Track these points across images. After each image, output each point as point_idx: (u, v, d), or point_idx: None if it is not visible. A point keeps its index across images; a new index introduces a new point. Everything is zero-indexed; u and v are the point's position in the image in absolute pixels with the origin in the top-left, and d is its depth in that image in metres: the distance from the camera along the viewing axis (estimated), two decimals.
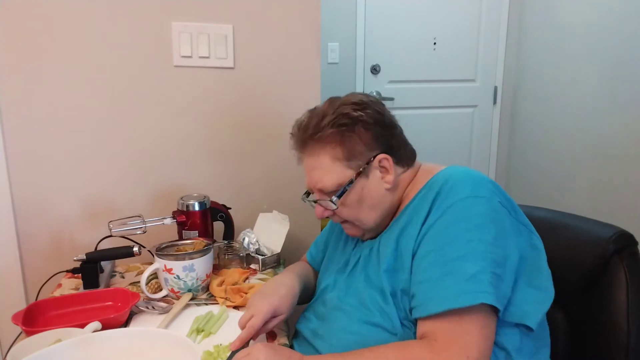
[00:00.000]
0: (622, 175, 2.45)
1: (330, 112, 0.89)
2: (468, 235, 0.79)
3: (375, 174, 0.90)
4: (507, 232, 0.81)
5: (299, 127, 0.94)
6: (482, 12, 3.20)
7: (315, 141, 0.90)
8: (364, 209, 0.91)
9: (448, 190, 0.83)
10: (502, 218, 0.82)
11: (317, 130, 0.89)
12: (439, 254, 0.80)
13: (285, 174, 1.53)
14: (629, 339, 0.87)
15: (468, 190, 0.82)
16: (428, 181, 0.90)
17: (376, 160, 0.90)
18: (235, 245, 1.35)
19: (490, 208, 0.81)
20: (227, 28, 1.40)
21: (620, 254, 0.89)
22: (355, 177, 0.89)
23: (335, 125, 0.88)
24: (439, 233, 0.82)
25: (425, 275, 0.81)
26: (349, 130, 0.88)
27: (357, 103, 0.90)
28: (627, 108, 2.40)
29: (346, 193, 0.89)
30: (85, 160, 1.40)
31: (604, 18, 2.50)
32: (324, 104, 0.93)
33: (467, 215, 0.80)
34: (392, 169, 0.91)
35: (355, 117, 0.88)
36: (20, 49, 1.31)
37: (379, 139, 0.90)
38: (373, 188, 0.91)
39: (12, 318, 0.96)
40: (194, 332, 1.00)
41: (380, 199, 0.91)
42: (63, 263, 1.26)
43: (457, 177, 0.85)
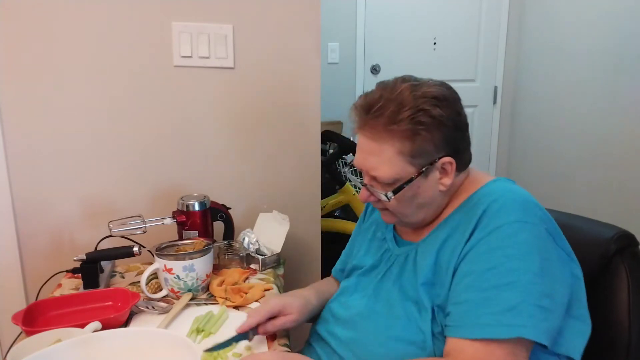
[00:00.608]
0: (622, 175, 2.45)
1: (410, 104, 0.82)
2: (512, 264, 0.75)
3: (435, 174, 0.86)
4: (553, 261, 0.78)
5: (368, 107, 0.86)
6: (482, 12, 3.20)
7: (385, 130, 0.83)
8: (413, 206, 0.88)
9: (497, 211, 0.80)
10: (548, 247, 0.78)
11: (392, 121, 0.82)
12: (480, 278, 0.77)
13: (286, 173, 1.53)
14: (631, 338, 0.87)
15: (517, 214, 0.78)
16: (475, 192, 0.87)
17: (440, 162, 0.85)
18: (235, 245, 1.35)
19: (538, 236, 0.78)
20: (227, 28, 1.40)
21: (622, 254, 0.89)
22: (416, 175, 0.85)
23: (414, 122, 0.82)
24: (482, 255, 0.78)
25: (463, 296, 0.78)
26: (426, 130, 0.82)
27: (438, 98, 0.84)
28: (627, 108, 2.40)
29: (403, 190, 0.86)
30: (85, 160, 1.40)
31: (604, 18, 2.50)
32: (402, 86, 0.85)
33: (514, 242, 0.77)
34: (452, 174, 0.87)
35: (435, 117, 0.82)
36: (20, 49, 1.31)
37: (449, 141, 0.85)
38: (428, 188, 0.87)
39: (12, 318, 0.96)
40: (194, 332, 1.00)
41: (432, 199, 0.88)
42: (63, 263, 1.26)
43: (506, 198, 0.81)
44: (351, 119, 0.91)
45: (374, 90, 0.88)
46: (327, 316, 1.01)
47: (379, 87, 0.88)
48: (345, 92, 3.16)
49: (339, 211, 2.42)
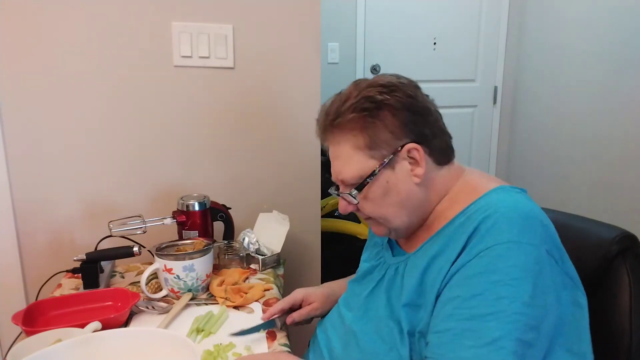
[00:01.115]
0: (622, 175, 2.45)
1: (354, 95, 0.79)
2: (501, 291, 0.67)
3: (404, 165, 0.80)
4: (548, 287, 0.69)
5: (321, 112, 0.85)
6: (482, 12, 3.20)
7: (335, 127, 0.81)
8: (389, 205, 0.82)
9: (489, 228, 0.71)
10: (545, 270, 0.69)
11: (337, 115, 0.80)
12: (464, 305, 0.70)
13: (286, 173, 1.53)
14: (632, 341, 0.85)
15: (513, 234, 0.70)
16: (470, 204, 0.78)
17: (404, 150, 0.79)
18: (235, 245, 1.35)
19: (535, 259, 0.69)
20: (227, 28, 1.40)
21: (624, 256, 0.87)
22: (378, 168, 0.79)
23: (357, 110, 0.78)
24: (468, 279, 0.71)
25: (444, 325, 0.71)
26: (372, 115, 0.78)
27: (384, 85, 0.79)
28: (627, 108, 2.40)
29: (367, 186, 0.80)
30: (85, 160, 1.40)
31: (604, 18, 2.50)
32: (349, 85, 0.84)
33: (505, 266, 0.68)
34: (422, 161, 0.79)
35: (380, 101, 0.78)
36: (21, 49, 1.31)
37: (408, 125, 0.79)
38: (400, 182, 0.80)
39: (12, 318, 0.96)
40: (194, 332, 1.00)
41: (409, 194, 0.81)
42: (63, 263, 1.26)
43: (503, 213, 0.72)
44: (316, 135, 0.89)
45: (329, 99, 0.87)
46: (326, 325, 0.99)
47: (334, 95, 0.86)
48: None
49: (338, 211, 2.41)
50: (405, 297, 0.79)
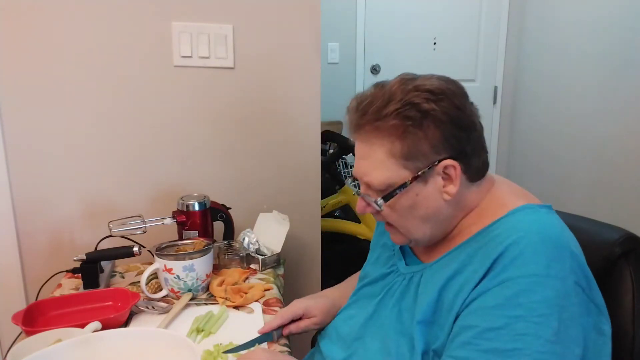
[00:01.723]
0: (622, 175, 2.45)
1: (398, 98, 0.73)
2: (523, 327, 0.64)
3: (437, 180, 0.75)
4: (574, 318, 0.66)
5: (357, 106, 0.78)
6: (482, 12, 3.20)
7: (372, 128, 0.75)
8: (414, 218, 0.78)
9: (516, 257, 0.67)
10: (572, 304, 0.66)
11: (377, 117, 0.74)
12: (482, 336, 0.66)
13: (286, 173, 1.53)
14: (635, 342, 0.84)
15: (539, 267, 0.66)
16: (496, 222, 0.74)
17: (440, 165, 0.74)
18: (235, 245, 1.35)
19: (562, 293, 0.65)
20: (227, 28, 1.40)
21: (627, 258, 0.86)
22: (410, 180, 0.74)
23: (400, 117, 0.72)
24: (490, 309, 0.67)
25: (461, 352, 0.68)
26: (416, 125, 0.72)
27: (432, 91, 0.74)
28: (627, 108, 2.40)
29: (396, 197, 0.76)
30: (85, 160, 1.40)
31: (604, 18, 2.50)
32: (394, 81, 0.77)
33: (530, 301, 0.65)
34: (457, 180, 0.75)
35: (426, 111, 0.72)
36: (21, 49, 1.31)
37: (449, 140, 0.73)
38: (430, 197, 0.76)
39: (12, 318, 0.96)
40: (194, 332, 1.00)
41: (437, 210, 0.77)
42: (63, 263, 1.26)
43: (531, 241, 0.68)
44: (346, 124, 0.82)
45: (368, 89, 0.80)
46: (330, 331, 0.96)
47: (372, 86, 0.79)
48: (345, 92, 3.15)
49: (339, 211, 2.42)
50: (421, 313, 0.75)
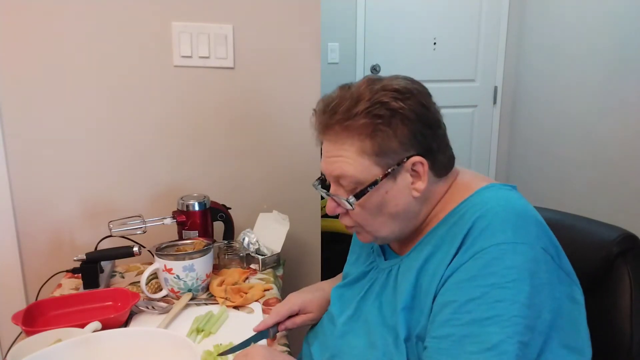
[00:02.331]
0: (622, 175, 2.45)
1: (367, 98, 0.75)
2: (499, 294, 0.66)
3: (405, 177, 0.77)
4: (544, 285, 0.68)
5: (325, 107, 0.79)
6: (482, 12, 3.20)
7: (342, 128, 0.76)
8: (383, 215, 0.79)
9: (483, 229, 0.70)
10: (541, 269, 0.69)
11: (347, 117, 0.75)
12: (461, 310, 0.68)
13: (286, 173, 1.53)
14: (633, 342, 0.84)
15: (508, 234, 0.69)
16: (463, 202, 0.77)
17: (409, 162, 0.76)
18: (235, 245, 1.35)
19: (531, 258, 0.68)
20: (227, 28, 1.40)
21: (625, 257, 0.86)
22: (381, 177, 0.76)
23: (370, 116, 0.74)
24: (465, 283, 0.69)
25: (443, 330, 0.69)
26: (385, 123, 0.74)
27: (399, 91, 0.76)
28: (627, 108, 2.40)
29: (367, 194, 0.77)
30: (85, 160, 1.40)
31: (604, 18, 2.50)
32: (360, 82, 0.79)
33: (502, 268, 0.67)
34: (425, 176, 0.77)
35: (395, 109, 0.74)
36: (20, 49, 1.31)
37: (417, 137, 0.76)
38: (399, 194, 0.77)
39: (12, 318, 0.96)
40: (194, 332, 1.00)
41: (405, 207, 0.79)
42: (63, 263, 1.26)
43: (496, 213, 0.71)
44: (311, 126, 0.83)
45: (334, 91, 0.81)
46: (316, 331, 0.98)
47: (338, 87, 0.81)
48: None
49: None
50: (402, 301, 0.77)
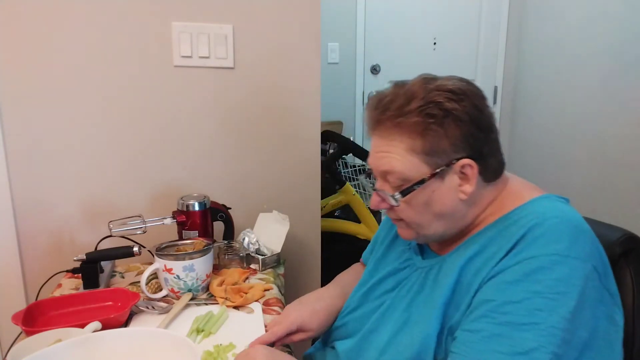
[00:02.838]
0: (622, 176, 2.45)
1: (420, 96, 0.75)
2: (540, 303, 0.66)
3: (453, 179, 0.77)
4: (588, 303, 0.68)
5: (377, 103, 0.80)
6: (482, 12, 3.20)
7: (393, 124, 0.76)
8: (428, 214, 0.79)
9: (538, 237, 0.70)
10: (589, 286, 0.68)
11: (399, 114, 0.76)
12: (498, 310, 0.68)
13: (286, 173, 1.53)
14: (635, 342, 0.84)
15: (562, 246, 0.68)
16: (515, 209, 0.77)
17: (458, 164, 0.76)
18: (235, 245, 1.35)
19: (581, 275, 0.67)
20: (227, 28, 1.40)
21: (627, 258, 0.86)
22: (429, 177, 0.76)
23: (423, 114, 0.74)
24: (508, 284, 0.69)
25: (475, 325, 0.70)
26: (437, 123, 0.74)
27: (454, 91, 0.76)
28: (627, 108, 2.40)
29: (413, 192, 0.77)
30: (85, 160, 1.40)
31: (604, 18, 2.50)
32: (415, 81, 0.79)
33: (549, 278, 0.67)
34: (473, 180, 0.77)
35: (448, 110, 0.74)
36: (20, 49, 1.31)
37: (468, 140, 0.75)
38: (446, 194, 0.77)
39: (12, 318, 0.96)
40: (194, 332, 1.00)
41: (452, 209, 0.78)
42: (63, 263, 1.26)
43: (554, 223, 0.71)
44: (365, 121, 0.84)
45: (387, 87, 0.82)
46: (342, 329, 0.96)
47: (392, 84, 0.81)
48: (345, 92, 3.16)
49: (339, 211, 2.42)
50: (442, 296, 0.76)
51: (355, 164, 2.46)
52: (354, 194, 2.25)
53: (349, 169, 2.43)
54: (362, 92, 3.17)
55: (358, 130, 3.22)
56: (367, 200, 2.41)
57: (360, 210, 2.27)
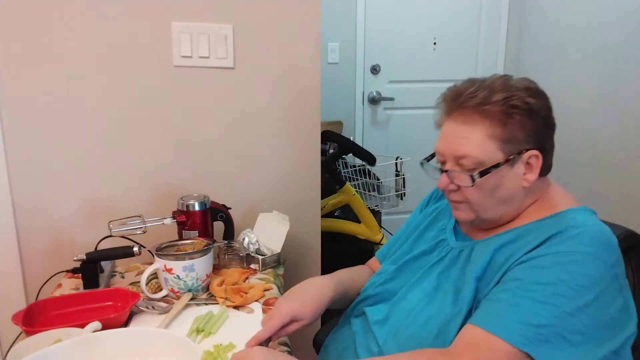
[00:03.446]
0: (622, 176, 2.45)
1: (504, 89, 0.84)
2: (562, 289, 0.74)
3: (519, 167, 0.85)
4: (608, 308, 0.75)
5: (459, 93, 0.87)
6: (482, 12, 3.20)
7: (478, 112, 0.84)
8: (493, 198, 0.86)
9: (574, 235, 0.78)
10: (610, 290, 0.76)
11: (485, 102, 0.83)
12: (523, 287, 0.76)
13: (286, 173, 1.53)
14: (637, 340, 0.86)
15: (594, 248, 0.76)
16: (554, 214, 0.85)
17: (527, 154, 0.84)
18: (235, 245, 1.35)
19: (605, 277, 0.75)
20: (227, 28, 1.40)
21: (627, 254, 0.88)
22: (503, 162, 0.83)
23: (507, 105, 0.82)
24: (537, 269, 0.77)
25: (498, 295, 0.79)
26: (519, 114, 0.82)
27: (532, 89, 0.86)
28: (627, 108, 2.40)
29: (488, 175, 0.84)
30: (85, 160, 1.40)
31: (604, 19, 2.50)
32: (493, 78, 0.88)
33: (576, 271, 0.74)
34: (537, 170, 0.85)
35: (529, 104, 0.83)
36: (21, 50, 1.31)
37: (538, 134, 0.85)
38: (512, 181, 0.85)
39: (12, 318, 0.96)
40: (194, 332, 1.00)
41: (513, 194, 0.86)
42: (63, 263, 1.26)
43: (589, 229, 0.79)
44: (439, 109, 0.91)
45: (463, 81, 0.90)
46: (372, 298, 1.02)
47: (469, 80, 0.90)
48: (345, 92, 3.15)
49: (339, 211, 2.42)
50: (474, 271, 0.84)
51: (355, 164, 2.46)
52: (354, 194, 2.25)
53: (349, 169, 2.43)
54: (362, 92, 3.17)
55: (358, 130, 3.22)
56: (367, 201, 2.41)
57: (360, 210, 2.27)
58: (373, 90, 3.16)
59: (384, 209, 2.49)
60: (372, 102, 3.17)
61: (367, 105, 3.19)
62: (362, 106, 3.19)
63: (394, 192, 2.46)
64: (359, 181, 2.42)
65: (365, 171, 2.42)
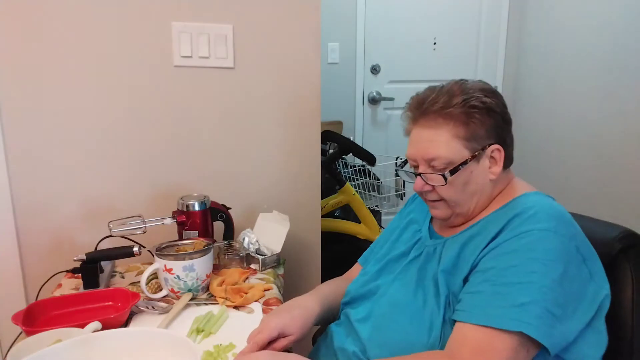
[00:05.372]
0: (622, 176, 2.45)
1: (461, 93, 0.90)
2: (534, 266, 0.78)
3: (485, 162, 0.92)
4: (575, 278, 0.80)
5: (422, 101, 0.94)
6: (482, 12, 3.20)
7: (441, 116, 0.90)
8: (465, 193, 0.92)
9: (530, 217, 0.83)
10: (573, 262, 0.80)
11: (447, 106, 0.90)
12: (498, 274, 0.81)
13: (286, 173, 1.53)
14: (634, 336, 0.86)
15: (551, 224, 0.81)
16: (511, 200, 0.91)
17: (490, 148, 0.91)
18: (235, 245, 1.35)
19: (567, 249, 0.80)
20: (227, 28, 1.40)
21: (626, 254, 0.89)
22: (469, 158, 0.90)
23: (467, 106, 0.89)
24: (506, 254, 0.82)
25: (477, 287, 0.82)
26: (478, 113, 0.89)
27: (487, 90, 0.93)
28: (627, 108, 2.40)
29: (458, 172, 0.90)
30: (85, 160, 1.40)
31: (604, 19, 2.51)
32: (450, 84, 0.94)
33: (541, 247, 0.79)
34: (501, 162, 0.92)
35: (486, 103, 0.90)
36: (20, 50, 1.31)
37: (497, 129, 0.91)
38: (479, 175, 0.92)
39: (12, 318, 0.96)
40: (194, 332, 1.00)
41: (482, 187, 0.93)
42: (63, 263, 1.26)
43: (542, 207, 0.84)
44: (404, 119, 0.98)
45: (424, 90, 0.96)
46: (354, 300, 1.05)
47: (429, 88, 0.96)
48: (345, 92, 3.16)
49: (339, 211, 2.42)
50: (443, 265, 0.90)
51: (355, 164, 2.46)
52: (354, 194, 2.25)
53: (349, 169, 2.43)
54: (362, 92, 3.17)
55: (358, 130, 3.22)
56: (367, 201, 2.41)
57: (360, 210, 2.27)
58: (373, 90, 3.16)
59: (384, 209, 2.49)
60: (372, 102, 3.17)
61: (367, 105, 3.19)
62: (362, 106, 3.19)
63: (394, 192, 2.46)
64: (359, 181, 2.42)
65: (365, 171, 2.42)
